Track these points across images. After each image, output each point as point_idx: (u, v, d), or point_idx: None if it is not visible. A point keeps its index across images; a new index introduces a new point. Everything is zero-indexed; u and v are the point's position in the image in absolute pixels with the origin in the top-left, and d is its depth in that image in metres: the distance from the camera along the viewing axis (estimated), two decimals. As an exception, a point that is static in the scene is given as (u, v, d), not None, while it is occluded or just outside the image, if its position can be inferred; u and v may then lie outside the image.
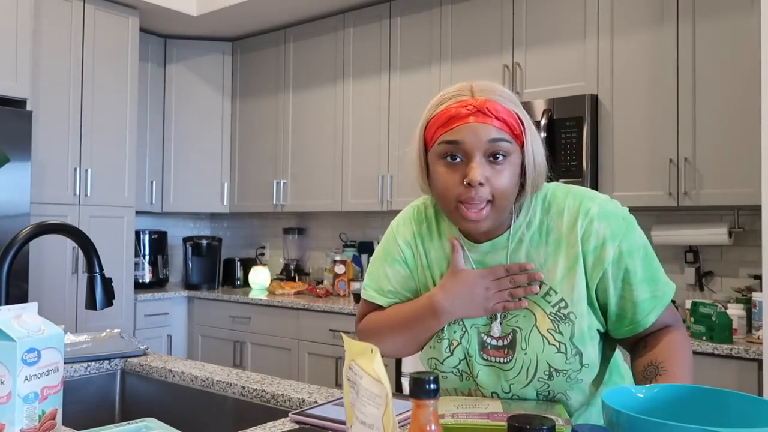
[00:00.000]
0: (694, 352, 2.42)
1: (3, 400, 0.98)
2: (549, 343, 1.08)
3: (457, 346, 1.14)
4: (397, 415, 0.89)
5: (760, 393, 2.25)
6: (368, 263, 4.42)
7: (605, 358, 1.17)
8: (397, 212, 3.95)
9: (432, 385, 0.75)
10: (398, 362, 3.16)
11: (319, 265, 4.42)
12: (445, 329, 1.14)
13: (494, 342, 1.12)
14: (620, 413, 0.78)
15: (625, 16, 2.93)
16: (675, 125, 2.78)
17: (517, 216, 1.13)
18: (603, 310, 1.12)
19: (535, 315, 1.10)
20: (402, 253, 1.24)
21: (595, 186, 2.92)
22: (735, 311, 2.52)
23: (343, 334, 0.95)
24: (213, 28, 4.38)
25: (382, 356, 0.94)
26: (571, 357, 1.07)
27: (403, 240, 1.24)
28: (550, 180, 1.16)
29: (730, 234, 2.79)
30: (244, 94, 4.54)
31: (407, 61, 3.69)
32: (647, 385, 0.93)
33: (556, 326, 1.08)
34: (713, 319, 2.43)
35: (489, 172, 1.04)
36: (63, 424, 1.10)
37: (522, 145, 1.07)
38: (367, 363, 0.82)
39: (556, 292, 1.10)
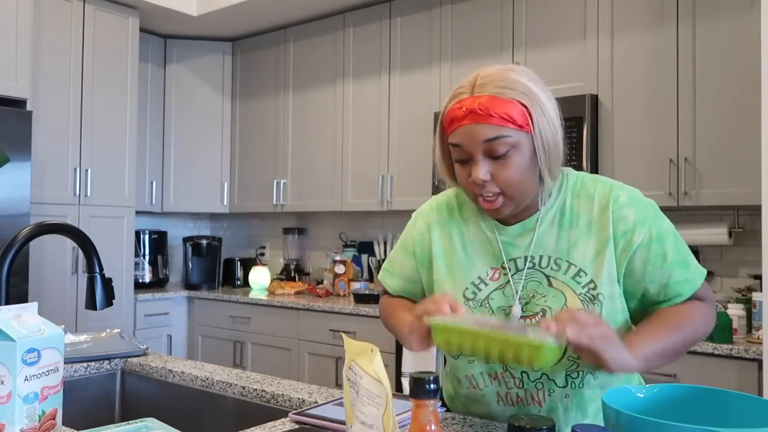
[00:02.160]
0: (695, 353, 2.42)
1: (3, 400, 0.98)
2: None
3: None
4: (397, 415, 0.89)
5: (760, 393, 2.25)
6: (368, 263, 4.40)
7: None
8: (397, 212, 3.96)
9: (432, 385, 0.75)
10: (398, 362, 3.16)
11: (319, 265, 4.42)
12: (472, 312, 1.18)
13: (523, 323, 1.14)
14: (620, 413, 0.78)
15: (625, 16, 2.93)
16: (675, 125, 2.78)
17: (546, 200, 1.17)
18: (630, 294, 1.15)
19: (565, 296, 1.12)
20: (413, 245, 1.31)
21: (595, 186, 2.92)
22: (735, 311, 2.52)
23: (343, 334, 0.96)
24: (213, 28, 4.38)
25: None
26: None
27: (417, 231, 1.30)
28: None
29: (730, 234, 2.79)
30: (244, 95, 4.54)
31: (407, 61, 3.69)
32: (647, 386, 0.93)
33: (586, 306, 1.10)
34: (713, 319, 2.43)
35: (493, 167, 1.08)
36: (63, 424, 1.10)
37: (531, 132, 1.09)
38: (367, 363, 0.82)
39: (585, 274, 1.12)
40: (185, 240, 4.52)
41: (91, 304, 1.47)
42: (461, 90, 1.11)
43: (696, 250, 2.96)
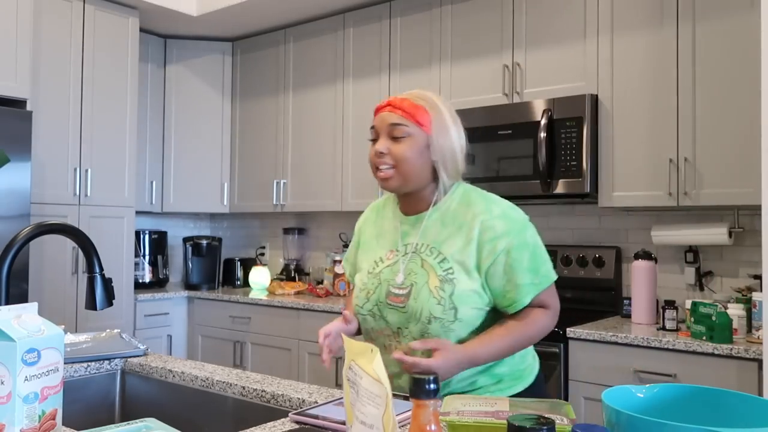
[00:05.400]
0: (695, 352, 2.42)
1: (3, 400, 0.98)
2: (433, 297, 1.42)
3: (371, 294, 1.52)
4: (397, 415, 0.89)
5: (760, 393, 2.25)
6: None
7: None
8: (397, 212, 3.96)
9: (432, 385, 0.75)
10: (398, 362, 3.16)
11: (319, 265, 4.42)
12: (366, 281, 1.54)
13: (397, 291, 1.47)
14: (620, 413, 0.78)
15: (625, 16, 2.93)
16: (675, 125, 2.78)
17: (439, 199, 1.51)
18: (493, 289, 1.44)
19: (428, 274, 1.45)
20: (356, 236, 1.70)
21: (595, 186, 2.91)
22: (735, 311, 2.51)
23: (342, 334, 0.96)
24: (213, 28, 4.38)
25: None
26: (447, 310, 1.41)
27: (357, 227, 1.71)
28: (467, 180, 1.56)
29: (730, 234, 2.79)
30: (244, 94, 4.54)
31: (407, 61, 3.69)
32: (647, 386, 0.93)
33: (442, 285, 1.43)
34: (713, 319, 2.43)
35: (391, 145, 1.46)
36: (63, 424, 1.10)
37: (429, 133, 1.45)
38: (367, 363, 0.82)
39: (448, 261, 1.45)
40: (185, 240, 4.52)
41: (91, 304, 1.47)
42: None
43: (696, 250, 2.96)
